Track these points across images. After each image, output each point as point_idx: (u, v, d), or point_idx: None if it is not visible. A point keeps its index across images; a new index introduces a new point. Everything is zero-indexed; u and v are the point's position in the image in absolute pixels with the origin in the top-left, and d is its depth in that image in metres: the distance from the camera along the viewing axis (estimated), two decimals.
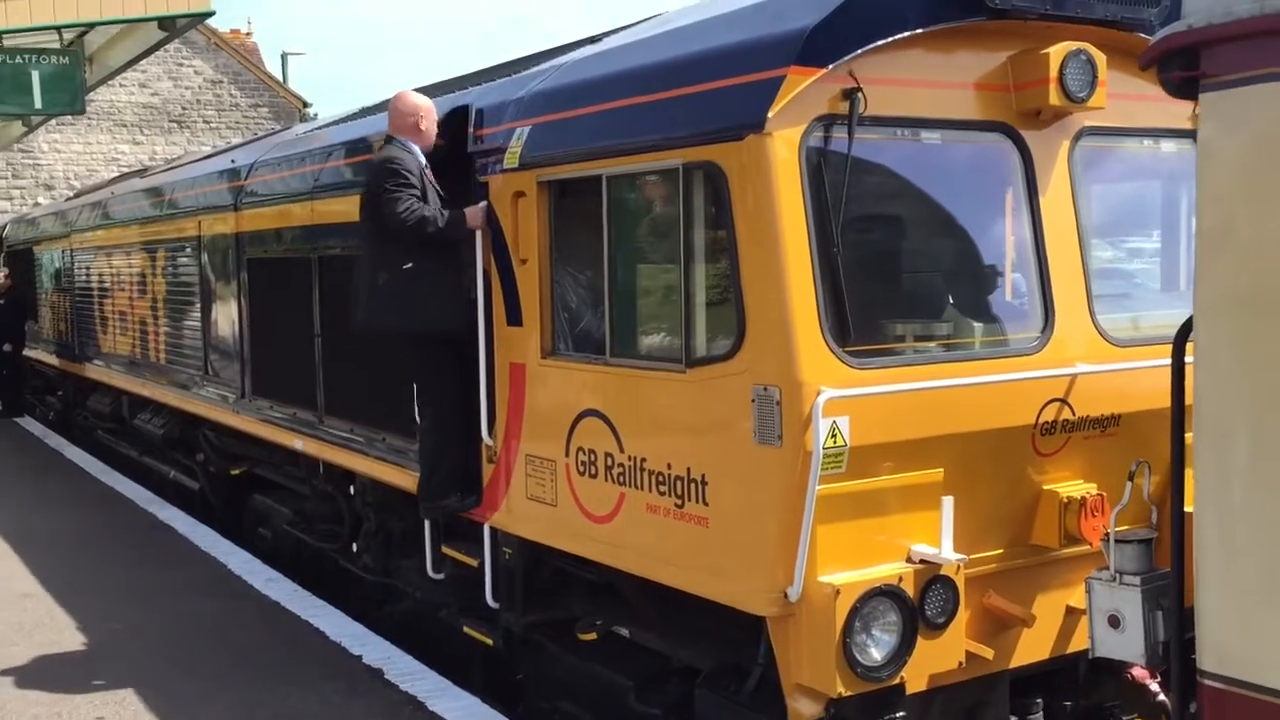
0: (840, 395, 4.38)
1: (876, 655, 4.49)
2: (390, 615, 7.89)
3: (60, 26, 12.05)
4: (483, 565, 6.24)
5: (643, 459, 5.08)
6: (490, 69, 7.66)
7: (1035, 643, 5.01)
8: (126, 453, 14.04)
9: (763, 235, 4.50)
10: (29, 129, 20.90)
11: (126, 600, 8.11)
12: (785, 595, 4.45)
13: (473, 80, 7.35)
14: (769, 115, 4.42)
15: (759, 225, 4.51)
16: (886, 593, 4.47)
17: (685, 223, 4.87)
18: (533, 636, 6.20)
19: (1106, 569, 4.16)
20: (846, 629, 4.38)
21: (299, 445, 8.40)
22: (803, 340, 4.42)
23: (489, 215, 6.00)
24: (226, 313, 9.89)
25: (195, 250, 10.57)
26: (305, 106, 36.08)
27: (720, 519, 4.71)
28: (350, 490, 7.91)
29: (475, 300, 6.12)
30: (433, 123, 6.30)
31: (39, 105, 12.70)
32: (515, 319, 5.85)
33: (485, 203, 6.00)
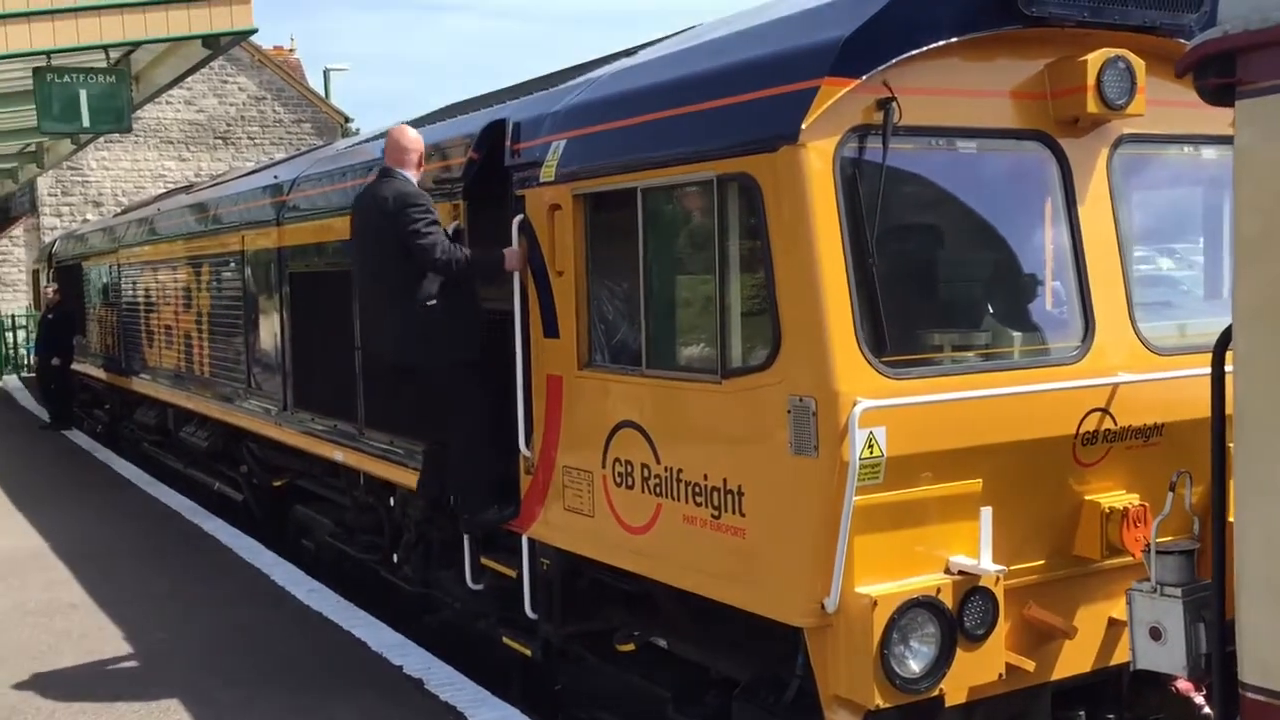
0: (877, 406, 4.37)
1: (915, 667, 4.45)
2: (430, 626, 7.94)
3: (107, 46, 12.26)
4: (521, 576, 6.27)
5: (679, 470, 5.08)
6: (526, 83, 7.71)
7: (1077, 655, 4.96)
8: (172, 465, 14.23)
9: (798, 246, 4.50)
10: (78, 147, 21.27)
11: (171, 610, 8.22)
12: (822, 606, 4.43)
13: (509, 95, 7.40)
14: (803, 126, 4.43)
15: (794, 236, 4.51)
16: (925, 604, 4.44)
17: (720, 234, 4.88)
18: (571, 647, 6.22)
19: (1148, 580, 4.11)
20: (884, 640, 4.36)
21: (340, 457, 8.48)
22: (838, 351, 4.41)
23: (524, 227, 6.03)
24: (269, 326, 10.01)
25: (239, 265, 10.71)
26: (347, 121, 36.50)
27: (757, 530, 4.70)
28: (390, 501, 7.97)
29: (508, 316, 6.18)
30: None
31: (87, 124, 12.91)
32: (552, 331, 5.88)
33: (522, 238, 6.02)
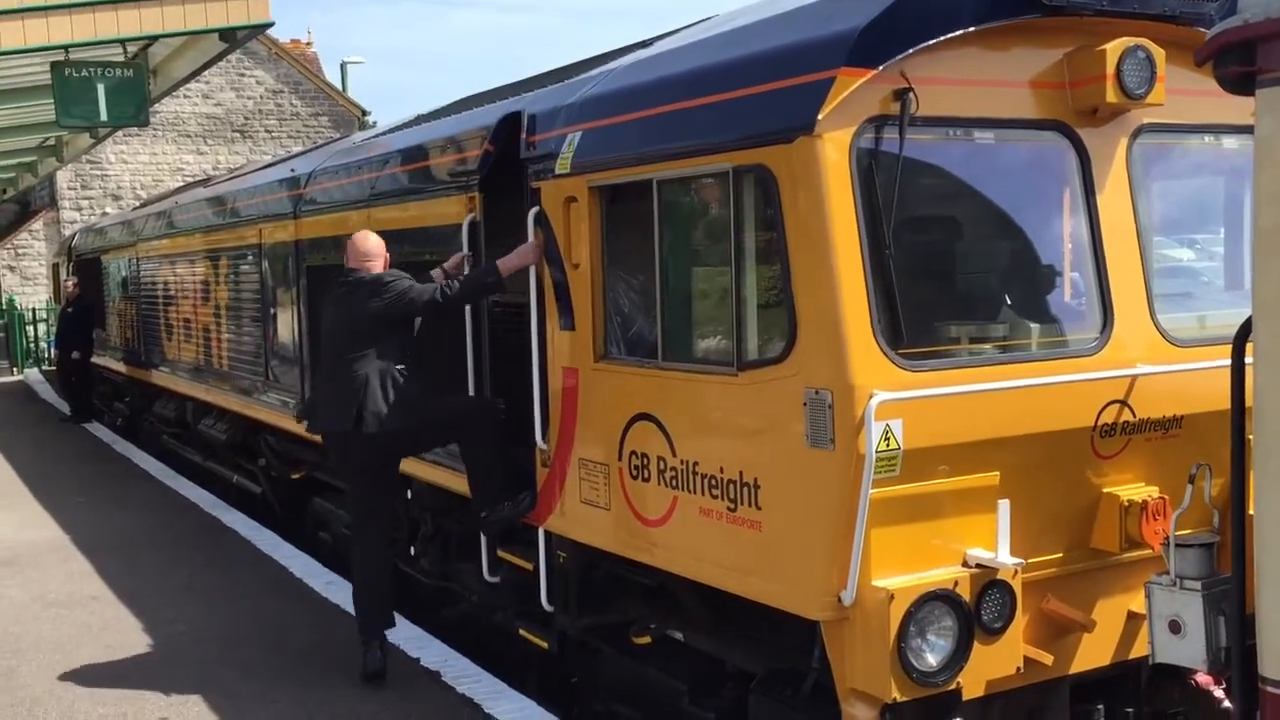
0: (893, 398, 4.35)
1: (932, 660, 4.44)
2: (447, 618, 7.95)
3: (124, 40, 12.30)
4: (538, 569, 6.28)
5: (695, 462, 5.08)
6: (540, 76, 7.70)
7: (1096, 648, 4.93)
8: (191, 457, 14.30)
9: (813, 238, 4.48)
10: (96, 141, 21.36)
11: (190, 602, 8.26)
12: (839, 599, 4.42)
13: (523, 87, 7.40)
14: (819, 117, 4.40)
15: (810, 228, 4.50)
16: (942, 597, 4.42)
17: (736, 226, 4.86)
18: (588, 639, 6.23)
19: (1167, 573, 4.09)
20: (901, 633, 4.34)
21: None
22: (854, 343, 4.40)
23: (539, 219, 6.02)
24: (286, 320, 10.04)
25: (256, 258, 10.75)
26: (364, 115, 36.56)
27: (773, 522, 4.69)
28: (408, 495, 7.99)
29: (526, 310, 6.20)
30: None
31: (104, 118, 12.96)
32: (568, 323, 5.88)
33: (538, 230, 6.04)
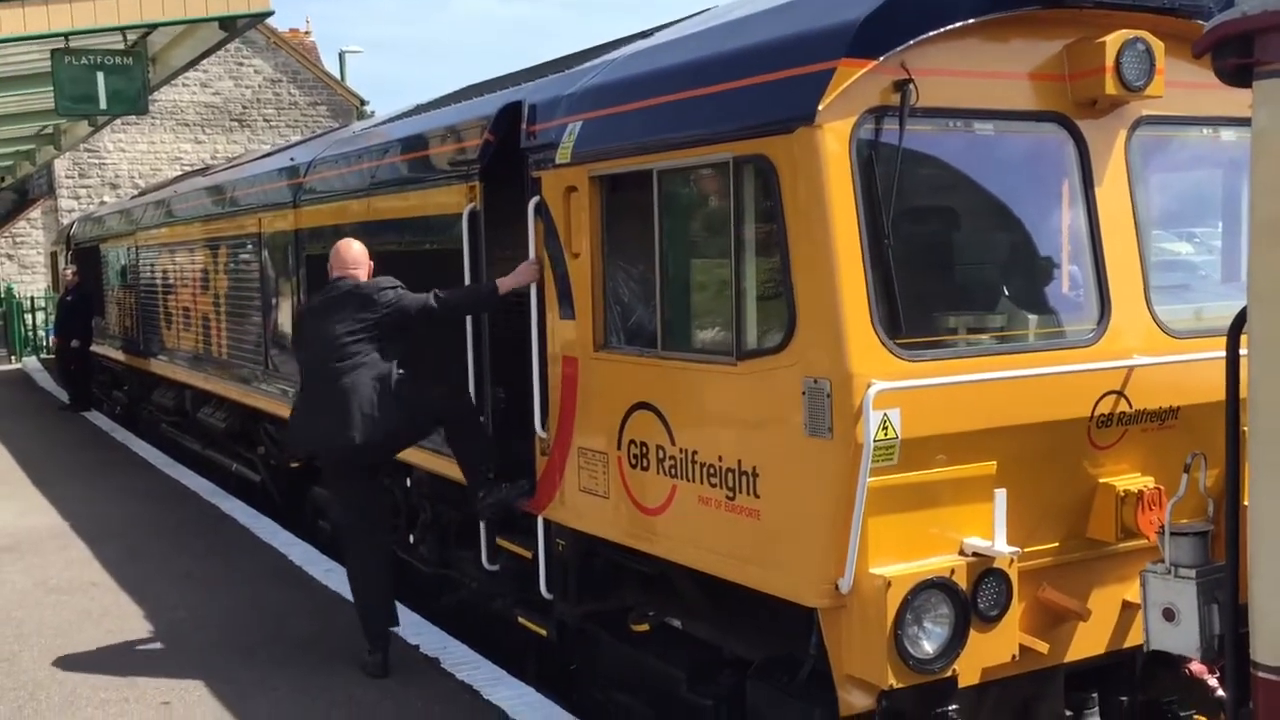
0: (891, 387, 4.38)
1: (928, 647, 4.48)
2: (445, 605, 7.99)
3: (124, 28, 12.29)
4: (537, 557, 6.31)
5: (694, 451, 5.11)
6: (541, 65, 7.71)
7: (1091, 637, 4.98)
8: (190, 446, 14.33)
9: (813, 228, 4.51)
10: (95, 129, 21.34)
11: (191, 589, 8.29)
12: (836, 587, 4.46)
13: (523, 77, 7.41)
14: (819, 108, 4.43)
15: (809, 218, 4.52)
16: (938, 585, 4.46)
17: (736, 216, 4.89)
18: (586, 627, 6.26)
19: (1162, 562, 4.13)
20: (898, 621, 4.38)
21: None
22: (853, 332, 4.43)
23: (540, 209, 6.04)
24: (286, 309, 10.06)
25: (256, 247, 10.77)
26: (363, 104, 36.53)
27: (771, 511, 4.72)
28: (407, 483, 8.02)
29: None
30: None
31: (104, 106, 12.96)
32: (568, 312, 5.90)
33: (538, 222, 6.06)
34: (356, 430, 6.33)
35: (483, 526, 6.82)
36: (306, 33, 39.37)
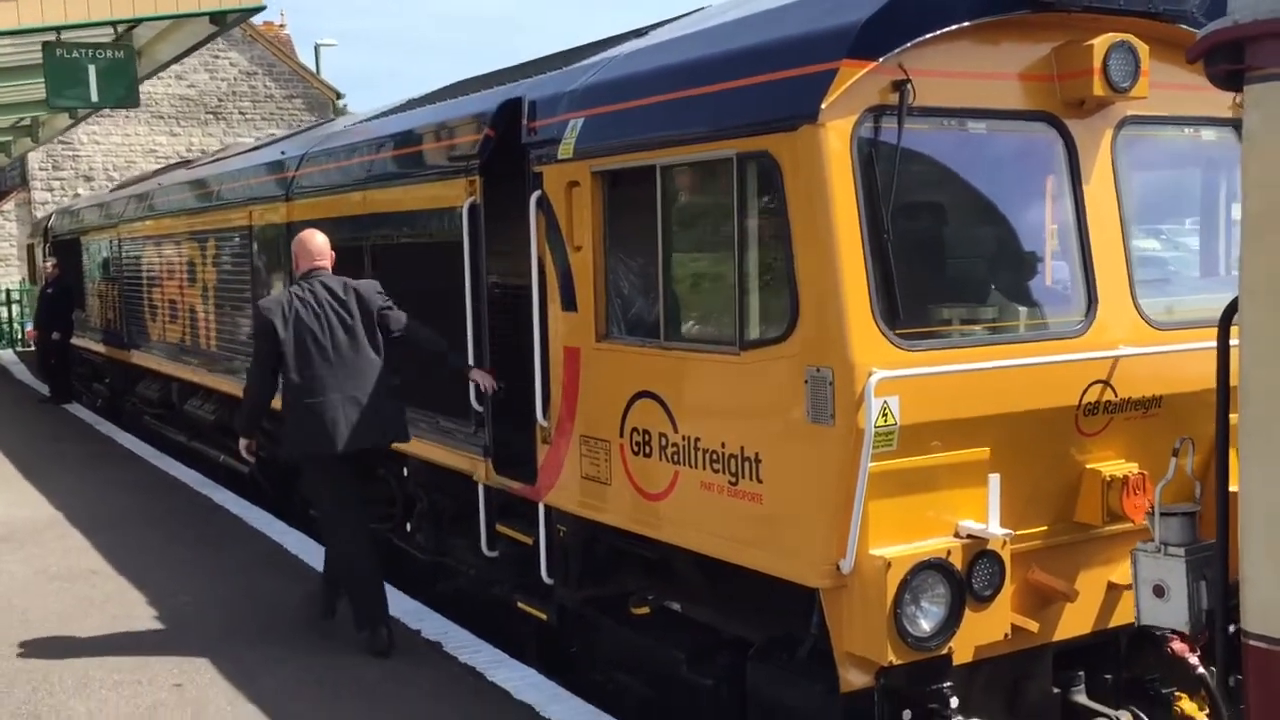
0: (891, 376, 4.55)
1: (925, 626, 4.66)
2: (441, 593, 8.10)
3: (116, 22, 12.30)
4: (537, 543, 6.45)
5: (697, 438, 5.26)
6: (538, 61, 7.83)
7: (1078, 617, 5.17)
8: (175, 438, 14.35)
9: (816, 222, 4.67)
10: (74, 122, 21.22)
11: (190, 576, 8.37)
12: (838, 568, 4.63)
13: (521, 73, 7.53)
14: (822, 106, 4.59)
15: (812, 212, 4.68)
16: (935, 566, 4.64)
17: (739, 210, 5.04)
18: (586, 611, 6.41)
19: (1151, 541, 4.31)
20: (897, 600, 4.56)
21: None
22: (855, 323, 4.59)
23: (541, 203, 6.17)
24: None
25: (246, 240, 10.82)
26: (338, 97, 36.40)
27: (774, 495, 4.89)
28: (404, 471, 8.13)
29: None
30: None
31: (95, 99, 12.94)
32: (570, 304, 6.04)
33: (540, 214, 6.17)
34: (389, 426, 6.43)
35: (482, 513, 6.95)
36: (281, 25, 39.15)
